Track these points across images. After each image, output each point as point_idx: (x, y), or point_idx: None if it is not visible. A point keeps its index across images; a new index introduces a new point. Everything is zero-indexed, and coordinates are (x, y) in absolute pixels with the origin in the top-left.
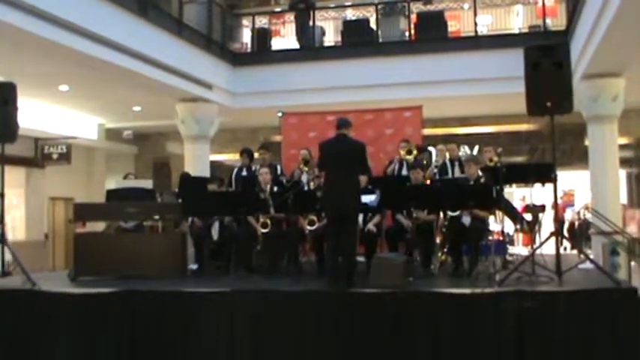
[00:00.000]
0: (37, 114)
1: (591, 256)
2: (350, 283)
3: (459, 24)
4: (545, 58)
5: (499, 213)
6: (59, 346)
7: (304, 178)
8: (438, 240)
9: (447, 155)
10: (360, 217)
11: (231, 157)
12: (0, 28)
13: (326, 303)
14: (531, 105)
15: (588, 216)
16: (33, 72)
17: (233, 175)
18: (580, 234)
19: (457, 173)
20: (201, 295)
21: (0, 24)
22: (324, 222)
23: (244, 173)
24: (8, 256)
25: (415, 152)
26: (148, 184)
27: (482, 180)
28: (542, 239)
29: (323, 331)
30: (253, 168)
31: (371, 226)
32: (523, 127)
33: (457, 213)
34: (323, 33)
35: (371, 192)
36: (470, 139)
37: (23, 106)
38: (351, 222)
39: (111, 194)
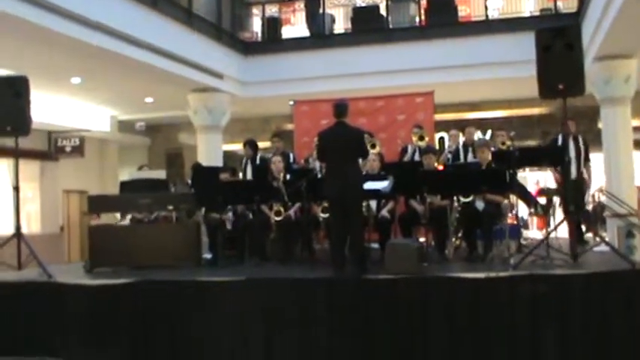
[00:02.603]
0: (50, 107)
1: (606, 239)
2: (363, 270)
3: (469, 8)
4: (557, 41)
5: (513, 197)
6: (75, 337)
7: (317, 165)
8: (451, 225)
9: (461, 140)
10: (374, 204)
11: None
12: (11, 21)
13: (341, 290)
14: (543, 88)
15: (603, 199)
16: (45, 65)
17: (243, 165)
18: (595, 217)
19: (470, 158)
20: (216, 284)
21: (11, 18)
22: None
23: (249, 165)
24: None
25: (427, 138)
26: (161, 174)
27: (492, 165)
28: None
29: (338, 318)
30: (260, 156)
31: (384, 212)
32: (535, 110)
33: (470, 198)
34: (333, 20)
35: (384, 178)
36: (482, 124)
37: (36, 100)
38: (356, 210)
39: (124, 186)
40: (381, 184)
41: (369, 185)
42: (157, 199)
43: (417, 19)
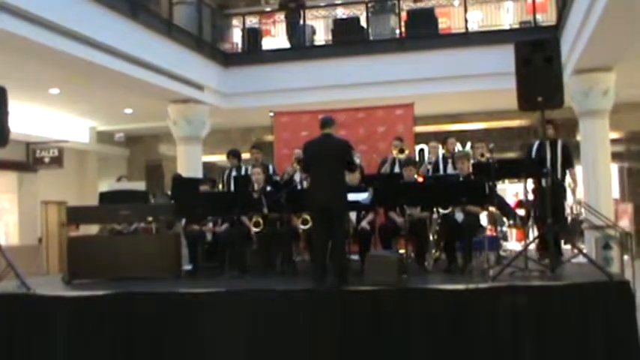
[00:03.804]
0: (28, 118)
1: (584, 250)
2: (343, 281)
3: (449, 21)
4: (536, 54)
5: (492, 209)
6: (55, 350)
7: (297, 177)
8: (431, 237)
9: (441, 152)
10: (354, 216)
11: (223, 158)
12: None
13: (321, 301)
14: (522, 100)
15: (581, 210)
16: (23, 75)
17: (224, 177)
18: (573, 228)
19: (450, 170)
20: (197, 295)
21: None
22: None
23: (234, 174)
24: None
25: (407, 151)
26: (140, 186)
27: (472, 177)
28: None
29: (319, 330)
30: (243, 168)
31: (364, 224)
32: (515, 122)
33: (450, 210)
34: (313, 32)
35: (364, 190)
36: (462, 136)
37: (14, 110)
38: (339, 221)
39: (104, 197)
40: (361, 196)
41: (349, 197)
42: (137, 211)
43: (398, 31)
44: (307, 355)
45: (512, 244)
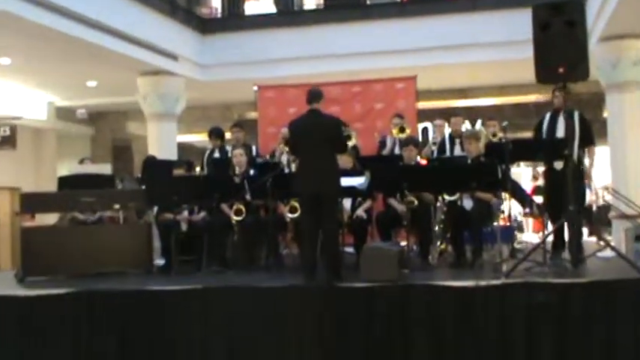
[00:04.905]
0: None
1: (612, 243)
2: (336, 277)
3: None
4: (557, 17)
5: (505, 195)
6: (6, 354)
7: (284, 159)
8: (436, 227)
9: (447, 131)
10: (348, 203)
11: (201, 138)
12: None
13: (311, 300)
14: (541, 71)
15: (608, 197)
16: None
17: (205, 159)
18: (599, 218)
19: (457, 151)
20: (170, 293)
21: None
22: None
23: (217, 155)
24: None
25: (409, 130)
26: (106, 169)
27: (482, 158)
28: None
29: (307, 332)
30: (227, 149)
31: (360, 212)
32: (531, 98)
33: (457, 196)
34: None
35: (360, 173)
36: (471, 113)
37: None
38: (331, 208)
39: (63, 182)
40: (357, 181)
41: (343, 182)
42: (102, 197)
43: None
44: None
45: (529, 236)
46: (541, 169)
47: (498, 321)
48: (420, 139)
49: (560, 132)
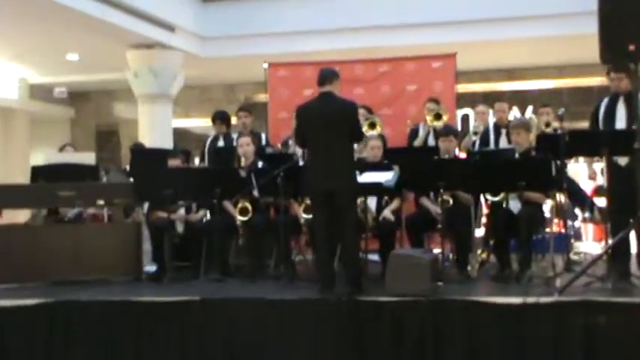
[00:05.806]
0: None
1: None
2: (357, 289)
3: None
4: None
5: (560, 196)
6: None
7: (298, 149)
8: (476, 232)
9: (492, 119)
10: (374, 203)
11: (201, 123)
12: None
13: (327, 315)
14: (606, 50)
15: None
16: None
17: (206, 148)
18: None
19: (504, 143)
20: (162, 305)
21: None
22: None
23: (221, 144)
24: None
25: (446, 117)
26: (89, 158)
27: (532, 152)
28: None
29: (322, 353)
30: (233, 136)
31: (387, 213)
32: (594, 81)
33: (502, 197)
34: None
35: (387, 168)
36: (520, 98)
37: None
38: (348, 208)
39: (38, 172)
40: (384, 176)
41: (367, 177)
42: (83, 191)
43: None
44: None
45: (588, 245)
46: (598, 165)
47: (550, 345)
48: (459, 128)
49: (621, 122)
